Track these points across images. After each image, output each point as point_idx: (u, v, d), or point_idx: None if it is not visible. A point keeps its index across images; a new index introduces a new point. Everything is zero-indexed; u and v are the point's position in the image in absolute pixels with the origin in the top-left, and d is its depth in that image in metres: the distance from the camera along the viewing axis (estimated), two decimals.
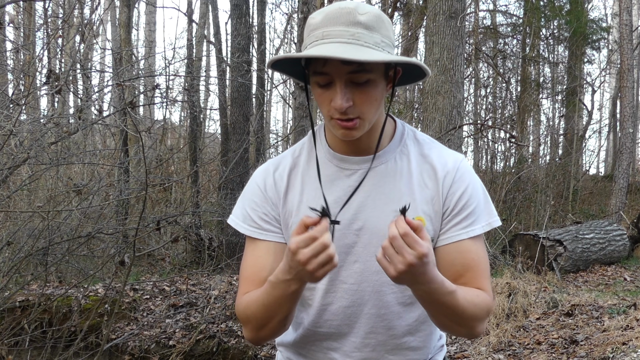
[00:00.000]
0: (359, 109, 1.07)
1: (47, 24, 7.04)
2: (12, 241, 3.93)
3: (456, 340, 4.31)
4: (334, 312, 1.19)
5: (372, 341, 1.19)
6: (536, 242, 6.60)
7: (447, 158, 1.17)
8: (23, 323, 4.07)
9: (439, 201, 1.14)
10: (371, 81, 1.06)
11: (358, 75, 1.04)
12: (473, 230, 1.14)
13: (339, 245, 1.13)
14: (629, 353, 3.34)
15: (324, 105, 1.08)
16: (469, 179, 1.16)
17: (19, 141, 3.78)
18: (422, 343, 1.22)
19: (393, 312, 1.17)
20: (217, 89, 9.88)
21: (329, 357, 1.22)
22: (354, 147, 1.16)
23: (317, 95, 1.10)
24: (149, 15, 12.71)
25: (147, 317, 4.62)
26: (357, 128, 1.08)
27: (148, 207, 6.45)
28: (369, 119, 1.09)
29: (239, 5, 7.77)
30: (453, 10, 7.42)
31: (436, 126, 7.44)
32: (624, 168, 9.92)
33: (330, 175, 1.17)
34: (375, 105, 1.09)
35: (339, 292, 1.17)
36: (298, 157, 1.22)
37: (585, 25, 12.76)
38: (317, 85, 1.08)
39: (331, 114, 1.08)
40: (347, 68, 1.03)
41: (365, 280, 1.16)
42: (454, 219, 1.14)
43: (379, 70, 1.07)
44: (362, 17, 1.04)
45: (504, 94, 13.62)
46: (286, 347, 1.30)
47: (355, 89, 1.05)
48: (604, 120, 17.95)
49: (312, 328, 1.22)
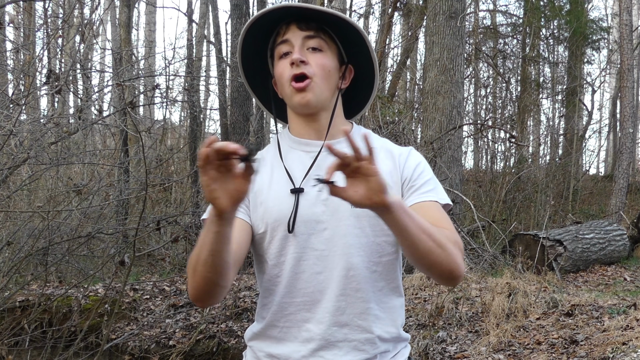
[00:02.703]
0: (312, 69, 1.21)
1: (47, 24, 7.04)
2: (12, 241, 3.94)
3: (456, 340, 4.31)
4: (307, 280, 1.23)
5: (342, 304, 1.23)
6: (536, 242, 6.60)
7: (399, 147, 1.33)
8: (23, 323, 4.07)
9: (397, 173, 1.27)
10: (324, 52, 1.24)
11: (313, 41, 1.23)
12: (431, 197, 1.24)
13: (308, 214, 1.22)
14: (629, 353, 3.34)
15: (284, 71, 1.23)
16: (420, 158, 1.31)
17: (19, 141, 3.79)
18: (386, 314, 1.27)
19: (361, 275, 1.23)
20: (217, 89, 9.89)
21: (304, 329, 1.25)
22: (314, 129, 1.29)
23: (278, 68, 1.25)
24: (149, 15, 12.72)
25: (147, 317, 4.62)
26: (310, 89, 1.21)
27: (148, 207, 6.45)
28: (321, 84, 1.23)
29: (239, 5, 7.77)
30: (453, 10, 7.42)
31: (436, 126, 7.44)
32: (624, 168, 9.92)
33: (296, 159, 1.29)
34: (329, 75, 1.24)
35: (311, 260, 1.23)
36: (266, 152, 1.34)
37: (585, 25, 12.77)
38: (278, 58, 1.25)
39: (288, 74, 1.22)
40: (304, 33, 1.23)
41: (335, 245, 1.22)
42: (413, 187, 1.26)
43: (332, 49, 1.26)
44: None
45: (504, 94, 13.64)
46: (256, 339, 1.31)
47: (310, 54, 1.23)
48: (604, 120, 17.97)
49: (286, 301, 1.25)
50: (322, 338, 1.24)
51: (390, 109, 7.59)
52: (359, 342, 1.25)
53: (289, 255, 1.23)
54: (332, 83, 1.26)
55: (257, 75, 1.36)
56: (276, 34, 1.27)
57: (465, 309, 4.57)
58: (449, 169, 7.26)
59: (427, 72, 7.87)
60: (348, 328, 1.24)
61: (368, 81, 1.35)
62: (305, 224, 1.23)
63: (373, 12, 12.90)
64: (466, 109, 12.49)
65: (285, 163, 1.28)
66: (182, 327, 4.53)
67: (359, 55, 1.29)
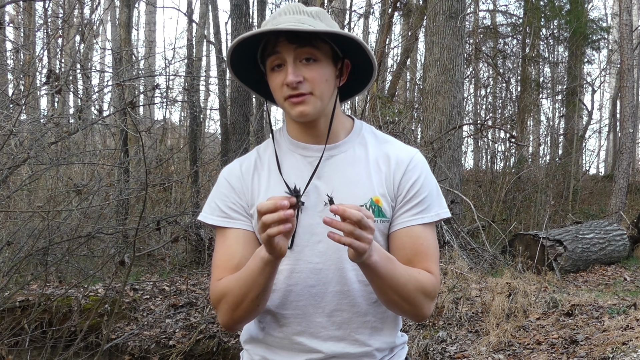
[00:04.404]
0: (310, 85, 1.18)
1: (47, 24, 7.04)
2: (12, 241, 3.93)
3: (456, 340, 4.31)
4: (299, 293, 1.23)
5: (337, 319, 1.23)
6: (536, 242, 6.59)
7: (401, 150, 1.28)
8: (23, 323, 4.07)
9: (390, 182, 1.24)
10: (319, 61, 1.18)
11: (305, 50, 1.17)
12: (423, 218, 1.23)
13: (304, 225, 1.21)
14: (629, 353, 3.34)
15: (278, 87, 1.19)
16: (421, 170, 1.26)
17: (19, 141, 3.79)
18: (384, 325, 1.27)
19: (355, 289, 1.22)
20: (217, 89, 9.89)
21: (296, 342, 1.24)
22: (313, 134, 1.26)
23: (272, 81, 1.21)
24: (149, 15, 12.73)
25: (147, 317, 4.62)
26: (309, 102, 1.18)
27: (148, 207, 6.45)
28: (320, 96, 1.19)
29: (239, 5, 7.77)
30: (453, 10, 7.42)
31: (436, 126, 7.44)
32: (624, 168, 9.92)
33: (294, 163, 1.26)
34: (326, 85, 1.20)
35: (304, 273, 1.22)
36: (264, 151, 1.31)
37: (585, 25, 12.77)
38: (271, 70, 1.20)
39: (284, 93, 1.18)
40: (295, 45, 1.16)
41: (329, 259, 1.21)
42: (406, 206, 1.23)
43: (326, 52, 1.20)
44: (307, 9, 1.21)
45: (504, 94, 13.64)
46: (252, 343, 1.31)
47: (304, 68, 1.17)
48: (604, 120, 17.97)
49: (279, 312, 1.24)
50: (317, 352, 1.23)
51: (390, 109, 7.59)
52: (357, 356, 1.24)
53: (282, 265, 1.21)
54: (329, 89, 1.22)
55: (248, 65, 1.29)
56: (266, 41, 1.20)
57: (465, 309, 4.57)
58: (449, 169, 7.26)
59: (427, 72, 7.87)
60: (345, 342, 1.23)
61: (367, 62, 1.27)
62: (300, 236, 1.21)
63: (373, 12, 12.91)
64: (466, 109, 12.49)
65: (282, 169, 1.25)
66: (182, 327, 4.53)
67: (353, 43, 1.22)
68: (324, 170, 1.24)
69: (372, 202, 1.22)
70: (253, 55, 1.25)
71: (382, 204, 1.22)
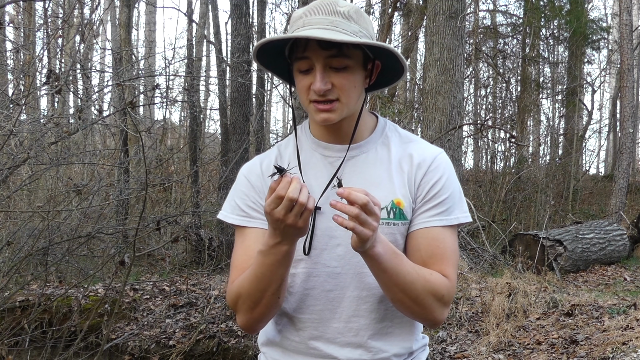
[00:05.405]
0: (338, 92, 1.13)
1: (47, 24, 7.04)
2: (12, 241, 3.93)
3: (456, 340, 4.31)
4: (316, 297, 1.20)
5: (355, 325, 1.19)
6: (536, 242, 6.59)
7: (425, 150, 1.23)
8: (23, 323, 4.07)
9: (412, 182, 1.20)
10: (349, 68, 1.13)
11: (336, 60, 1.11)
12: (441, 220, 1.18)
13: (322, 228, 1.18)
14: (629, 353, 3.34)
15: (304, 91, 1.14)
16: (443, 171, 1.21)
17: (19, 141, 3.79)
18: (402, 330, 1.23)
19: (374, 295, 1.19)
20: (217, 89, 9.88)
21: (312, 347, 1.21)
22: (336, 134, 1.22)
23: (298, 82, 1.16)
24: (149, 15, 12.72)
25: (147, 317, 4.62)
26: (335, 110, 1.14)
27: (148, 207, 6.45)
28: (347, 103, 1.15)
29: (239, 5, 7.77)
30: (453, 10, 7.42)
31: (436, 126, 7.43)
32: (624, 168, 9.92)
33: (315, 163, 1.22)
34: (354, 91, 1.15)
35: (322, 276, 1.19)
36: (285, 149, 1.27)
37: (585, 25, 12.76)
38: (298, 72, 1.15)
39: (310, 97, 1.14)
40: (326, 53, 1.10)
41: (348, 263, 1.18)
42: (425, 206, 1.19)
43: (357, 58, 1.14)
44: (341, 9, 1.13)
45: (504, 94, 13.63)
46: (269, 346, 1.29)
47: (333, 74, 1.12)
48: (604, 120, 17.97)
49: (296, 316, 1.22)
50: (334, 358, 1.20)
51: (390, 109, 7.59)
52: None
53: (299, 268, 1.19)
54: (357, 94, 1.17)
55: (275, 56, 1.23)
56: (295, 43, 1.15)
57: (465, 309, 4.57)
58: None
59: (427, 72, 7.87)
60: (362, 349, 1.20)
61: (394, 59, 1.20)
62: (318, 238, 1.18)
63: (373, 12, 12.88)
64: (466, 109, 12.49)
65: (304, 171, 1.21)
66: (182, 327, 4.53)
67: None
68: (344, 171, 1.20)
69: (393, 205, 1.18)
70: (280, 47, 1.20)
71: (404, 206, 1.18)
